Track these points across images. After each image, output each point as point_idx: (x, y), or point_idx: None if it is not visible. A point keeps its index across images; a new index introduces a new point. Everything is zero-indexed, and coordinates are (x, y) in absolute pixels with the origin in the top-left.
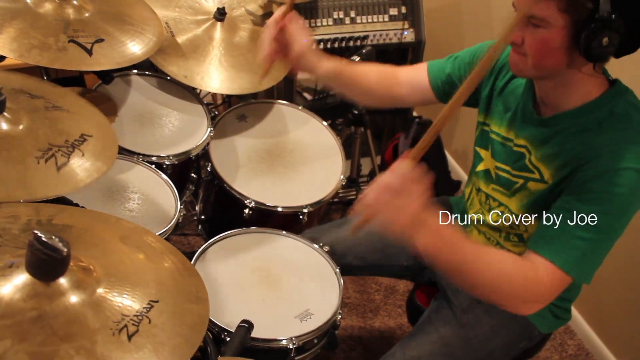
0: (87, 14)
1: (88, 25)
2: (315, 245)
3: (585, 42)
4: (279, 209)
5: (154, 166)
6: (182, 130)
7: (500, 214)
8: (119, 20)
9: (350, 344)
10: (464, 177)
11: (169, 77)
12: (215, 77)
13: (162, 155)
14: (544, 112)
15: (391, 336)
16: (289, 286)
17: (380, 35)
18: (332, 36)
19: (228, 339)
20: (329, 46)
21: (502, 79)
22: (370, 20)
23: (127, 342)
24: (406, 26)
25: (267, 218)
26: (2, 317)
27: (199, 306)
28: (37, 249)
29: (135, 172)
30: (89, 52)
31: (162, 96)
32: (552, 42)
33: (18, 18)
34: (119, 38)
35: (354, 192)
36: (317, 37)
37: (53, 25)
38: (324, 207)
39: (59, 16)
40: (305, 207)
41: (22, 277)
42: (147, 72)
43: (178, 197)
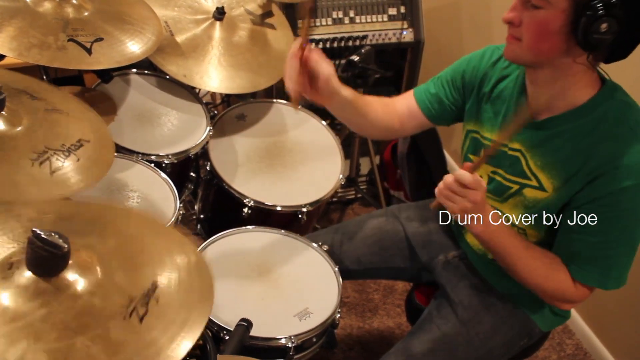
0: (86, 13)
1: (87, 24)
2: (314, 244)
3: (584, 26)
4: (278, 208)
5: (153, 165)
6: (181, 130)
7: None
8: (118, 19)
9: (349, 343)
10: None
11: (168, 76)
12: (215, 76)
13: (161, 154)
14: (538, 115)
15: (390, 335)
16: (288, 285)
17: (380, 35)
18: (331, 36)
19: (227, 337)
20: (328, 46)
21: (487, 85)
22: (369, 20)
23: (139, 324)
24: (405, 26)
25: (266, 217)
26: (13, 320)
27: (202, 281)
28: (37, 246)
29: (135, 171)
30: (89, 51)
31: (162, 95)
32: (550, 25)
33: (17, 17)
34: (118, 37)
35: (353, 192)
36: (316, 37)
37: (52, 24)
38: (323, 207)
39: (59, 15)
40: (304, 206)
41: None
42: (146, 71)
43: (177, 196)
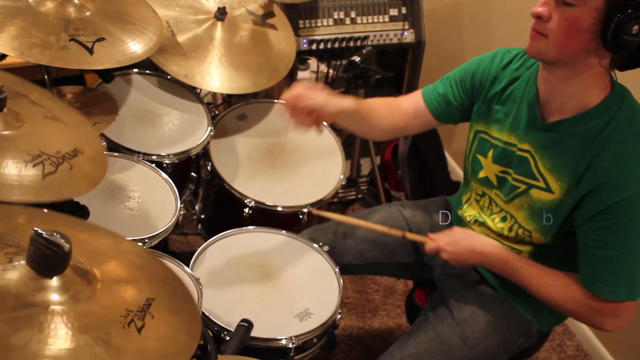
0: (88, 13)
1: (89, 24)
2: (315, 245)
3: (616, 26)
4: (279, 209)
5: (154, 165)
6: (183, 130)
7: (503, 219)
8: (120, 19)
9: (349, 343)
10: None
11: (169, 77)
12: (216, 76)
13: (162, 154)
14: (548, 117)
15: (390, 336)
16: (289, 286)
17: (381, 35)
18: (333, 36)
19: (228, 337)
20: (329, 46)
21: (497, 87)
22: (370, 21)
23: (137, 334)
24: (406, 27)
25: (267, 217)
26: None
27: (189, 305)
28: (40, 244)
29: (136, 171)
30: (90, 51)
31: (163, 95)
32: (581, 22)
33: (19, 16)
34: (119, 37)
35: (354, 192)
36: (317, 38)
37: (54, 24)
38: (323, 207)
39: (60, 15)
40: (305, 206)
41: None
42: (147, 71)
43: (178, 196)
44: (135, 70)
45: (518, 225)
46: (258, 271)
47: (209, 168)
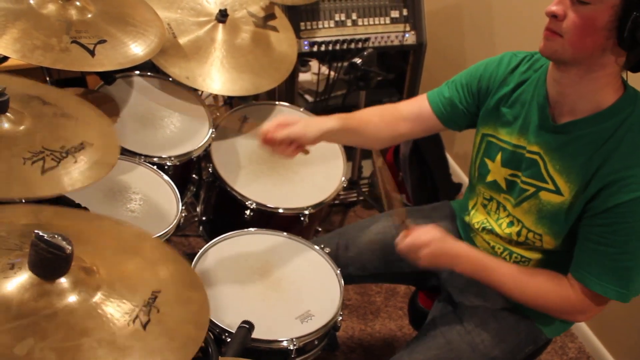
0: (89, 15)
1: (91, 26)
2: (316, 247)
3: (633, 23)
4: (280, 211)
5: (155, 167)
6: (184, 132)
7: (510, 224)
8: (121, 21)
9: (351, 345)
10: (465, 179)
11: (170, 79)
12: (217, 78)
13: (163, 156)
14: (559, 118)
15: (392, 338)
16: (290, 287)
17: (382, 37)
18: (334, 38)
19: (229, 339)
20: (330, 48)
21: (505, 89)
22: (371, 23)
23: (142, 331)
24: (407, 28)
25: (268, 219)
26: (17, 318)
27: (197, 293)
28: (41, 248)
29: (137, 173)
30: (92, 53)
31: (164, 97)
32: (597, 21)
33: (21, 19)
34: (121, 39)
35: (355, 194)
36: (318, 40)
37: (56, 26)
38: (325, 209)
39: (62, 17)
40: (306, 208)
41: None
42: (149, 73)
43: (179, 198)
44: (137, 72)
45: (527, 229)
46: (259, 273)
47: (210, 170)
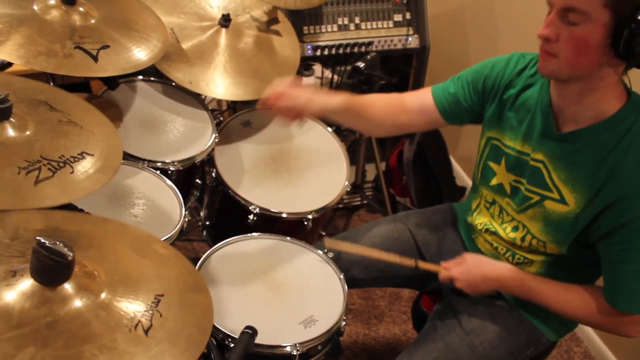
0: (93, 21)
1: (94, 31)
2: (320, 252)
3: (627, 40)
4: (284, 215)
5: (158, 172)
6: (187, 136)
7: (514, 229)
8: (124, 26)
9: (355, 350)
10: (469, 183)
11: (174, 83)
12: (220, 83)
13: (167, 161)
14: (563, 127)
15: (396, 343)
16: (293, 292)
17: (385, 41)
18: (337, 42)
19: (232, 345)
20: (333, 52)
21: (511, 91)
22: (374, 27)
23: (144, 337)
24: (411, 32)
25: (271, 224)
26: (18, 326)
27: (201, 296)
28: (42, 255)
29: (140, 178)
30: (95, 59)
31: (167, 102)
32: (590, 40)
33: (25, 25)
34: (124, 44)
35: (359, 198)
36: (321, 44)
37: (59, 32)
38: (328, 213)
39: (66, 23)
40: (310, 213)
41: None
42: (152, 78)
43: (183, 202)
44: (140, 77)
45: (532, 235)
46: (262, 278)
47: (213, 175)
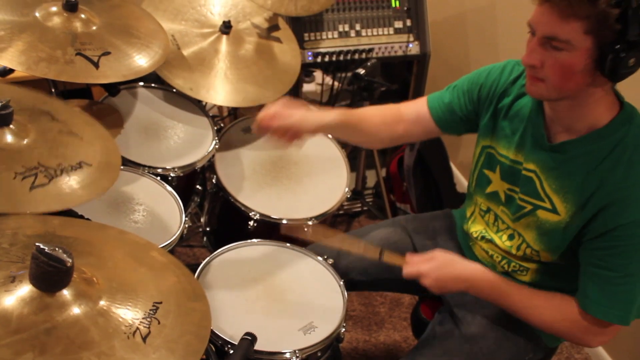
0: (94, 27)
1: (95, 38)
2: (319, 258)
3: (612, 64)
4: (284, 221)
5: (159, 178)
6: (188, 143)
7: (510, 237)
8: (125, 33)
9: (355, 357)
10: None
11: (174, 90)
12: (221, 89)
13: (167, 167)
14: (555, 135)
15: (396, 349)
16: (293, 298)
17: (386, 48)
18: (338, 49)
19: (231, 351)
20: (334, 59)
21: (505, 101)
22: (375, 33)
23: (142, 344)
24: (411, 39)
25: (271, 230)
26: (17, 332)
27: (199, 303)
28: (41, 261)
29: (141, 184)
30: (96, 65)
31: (168, 108)
32: (575, 66)
33: (27, 31)
34: (125, 51)
35: (359, 205)
36: (322, 50)
37: (61, 39)
38: (328, 220)
39: (67, 29)
40: (310, 219)
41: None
42: (153, 85)
43: (183, 209)
44: (141, 83)
45: (527, 244)
46: (262, 284)
47: (214, 181)
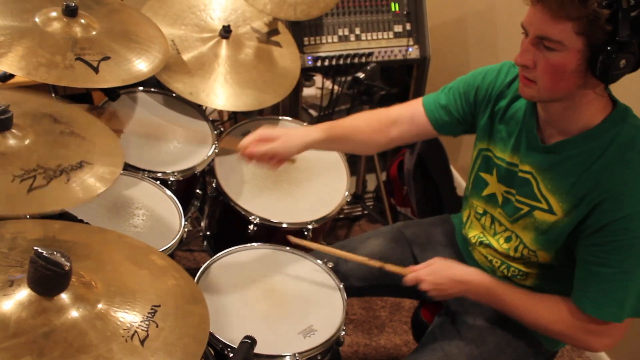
0: (94, 32)
1: (95, 43)
2: (319, 261)
3: (603, 65)
4: (284, 225)
5: (159, 182)
6: (187, 147)
7: (507, 239)
8: (125, 38)
9: None
10: None
11: (174, 94)
12: (221, 94)
13: (167, 172)
14: (548, 138)
15: (397, 353)
16: (293, 302)
17: (385, 52)
18: (337, 53)
19: (231, 354)
20: (334, 63)
21: (501, 104)
22: (375, 37)
23: (141, 347)
24: (411, 43)
25: (271, 234)
26: (15, 336)
27: (198, 306)
28: (39, 265)
29: (140, 188)
30: (95, 70)
31: (168, 113)
32: (567, 66)
33: (27, 37)
34: (125, 55)
35: (360, 208)
36: (322, 55)
37: (61, 44)
38: (329, 223)
39: (67, 34)
40: (310, 223)
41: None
42: (153, 89)
43: (182, 213)
44: (141, 88)
45: (524, 245)
46: (262, 287)
47: (214, 185)
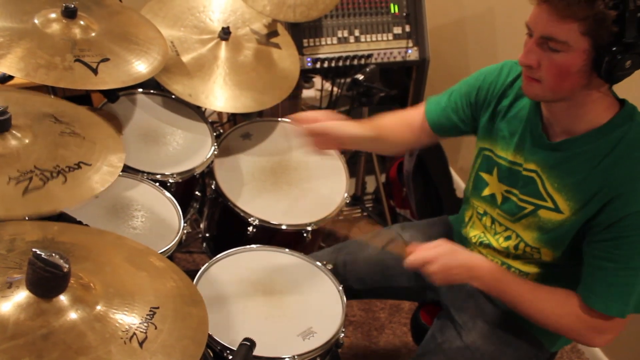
0: (93, 34)
1: (94, 44)
2: (319, 263)
3: (608, 66)
4: (283, 227)
5: (158, 184)
6: (187, 149)
7: (507, 238)
8: (124, 39)
9: None
10: None
11: (173, 96)
12: (220, 95)
13: (166, 174)
14: (554, 136)
15: (396, 355)
16: (292, 304)
17: (385, 53)
18: (337, 55)
19: (230, 356)
20: (333, 65)
21: (504, 103)
22: (374, 39)
23: (139, 349)
24: (410, 44)
25: (271, 236)
26: (13, 338)
27: (197, 308)
28: (38, 267)
29: (140, 190)
30: (95, 71)
31: (167, 114)
32: (572, 67)
33: (26, 38)
34: (124, 57)
35: (359, 210)
36: (321, 56)
37: (60, 45)
38: (328, 225)
39: (66, 36)
40: (309, 224)
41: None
42: (152, 91)
43: (182, 215)
44: (140, 89)
45: (525, 243)
46: (261, 289)
47: (213, 187)
